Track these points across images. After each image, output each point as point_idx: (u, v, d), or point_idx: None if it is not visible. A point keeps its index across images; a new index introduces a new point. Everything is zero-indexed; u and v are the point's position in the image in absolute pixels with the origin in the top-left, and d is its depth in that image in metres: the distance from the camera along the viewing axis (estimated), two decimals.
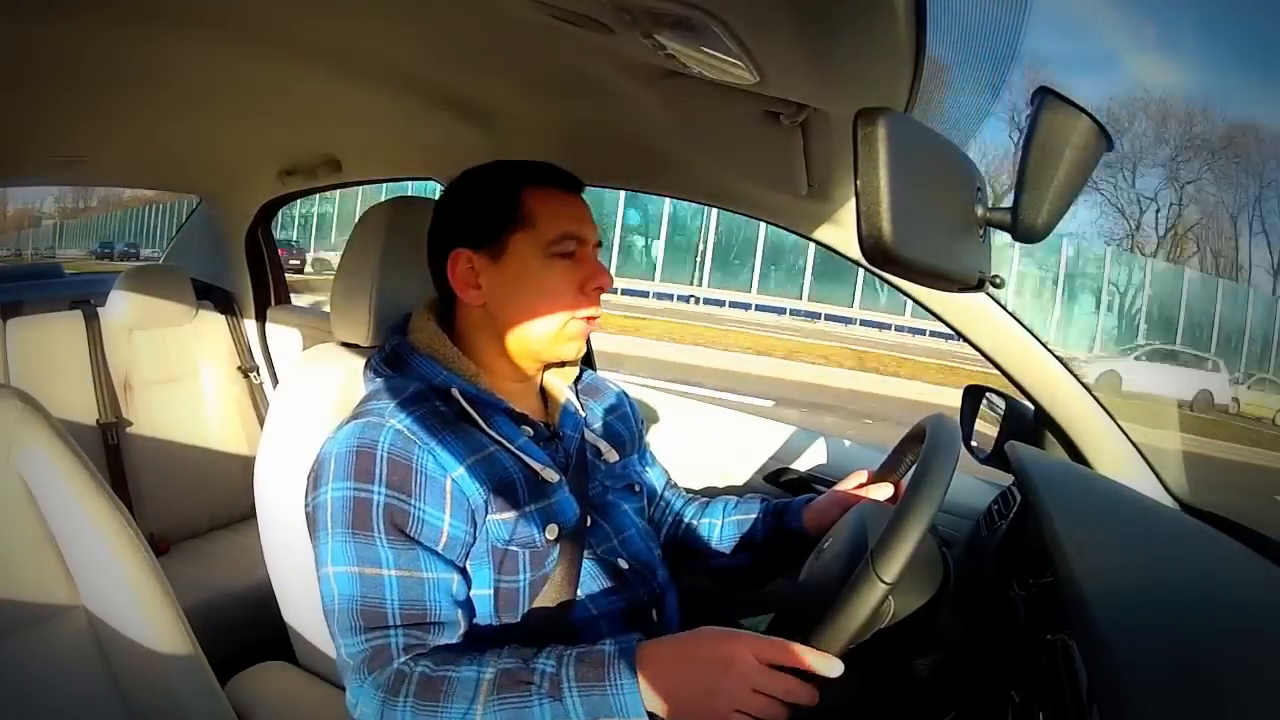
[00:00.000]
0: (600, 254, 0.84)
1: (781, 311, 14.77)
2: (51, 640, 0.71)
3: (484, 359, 0.81)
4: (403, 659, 0.66)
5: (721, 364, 8.78)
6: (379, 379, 0.80)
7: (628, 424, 0.95)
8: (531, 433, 0.80)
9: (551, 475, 0.77)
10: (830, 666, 0.60)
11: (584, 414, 0.89)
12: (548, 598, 0.74)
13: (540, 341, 0.80)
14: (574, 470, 0.82)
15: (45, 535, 0.73)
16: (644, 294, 15.16)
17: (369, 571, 0.68)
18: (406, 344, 0.81)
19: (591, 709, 0.61)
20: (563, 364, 0.87)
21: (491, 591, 0.73)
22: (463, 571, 0.72)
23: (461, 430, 0.74)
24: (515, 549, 0.73)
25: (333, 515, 0.70)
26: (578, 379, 0.92)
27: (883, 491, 0.88)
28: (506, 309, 0.80)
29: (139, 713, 0.72)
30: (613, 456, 0.88)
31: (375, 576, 0.68)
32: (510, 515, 0.73)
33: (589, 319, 0.81)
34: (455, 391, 0.77)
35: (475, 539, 0.72)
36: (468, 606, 0.72)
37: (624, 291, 14.65)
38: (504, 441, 0.76)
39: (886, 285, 1.04)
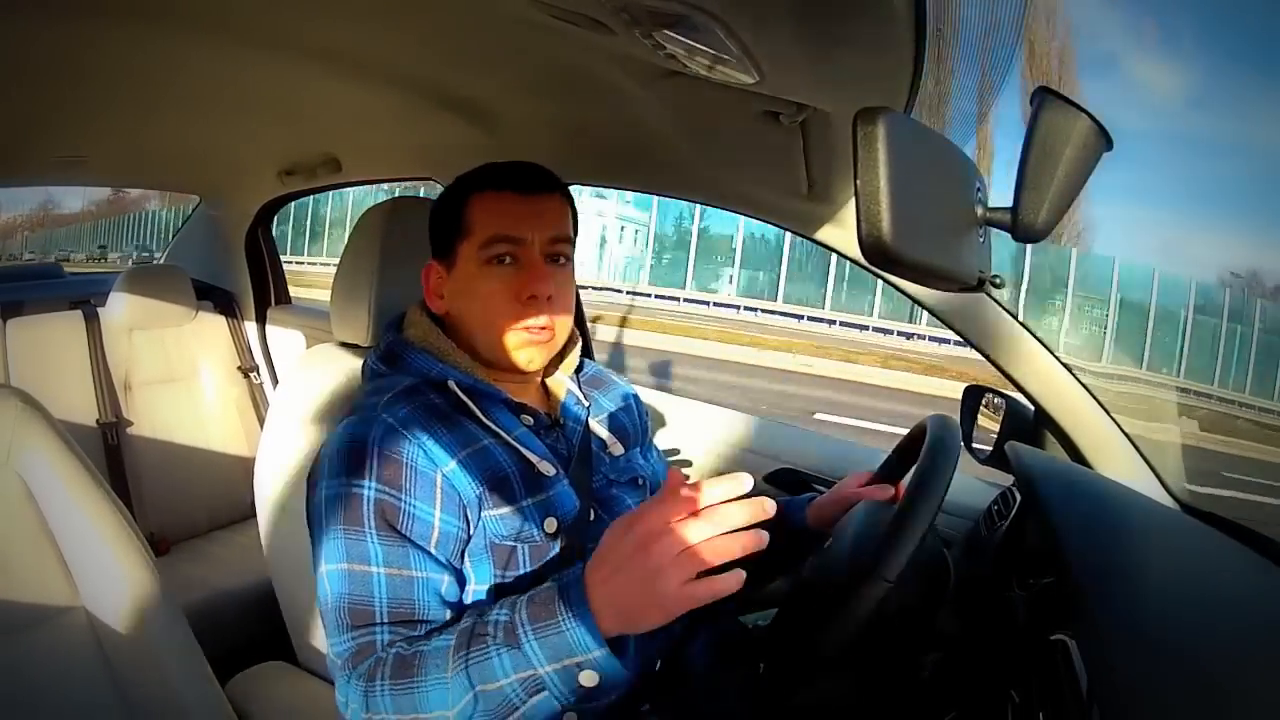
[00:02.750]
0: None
1: (619, 291, 16.68)
2: (51, 640, 0.71)
3: (474, 357, 0.81)
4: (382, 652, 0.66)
5: None
6: (375, 377, 0.80)
7: (632, 417, 0.94)
8: (531, 422, 0.79)
9: (548, 468, 0.76)
10: (740, 484, 0.56)
11: (587, 404, 0.87)
12: None
13: (493, 351, 0.79)
14: (577, 462, 0.81)
15: (45, 535, 0.73)
16: None
17: (357, 568, 0.67)
18: (401, 340, 0.81)
19: (551, 651, 0.57)
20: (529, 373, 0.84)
21: (491, 587, 0.72)
22: (457, 571, 0.71)
23: (455, 422, 0.74)
24: (515, 544, 0.72)
25: (326, 513, 0.70)
26: (579, 369, 0.91)
27: (883, 491, 0.88)
28: (462, 319, 0.80)
29: (139, 713, 0.72)
30: (617, 449, 0.87)
31: (363, 573, 0.67)
32: (507, 510, 0.72)
33: (539, 329, 0.77)
34: (451, 383, 0.76)
35: (470, 535, 0.72)
36: (458, 607, 0.71)
37: None
38: (500, 432, 0.75)
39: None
